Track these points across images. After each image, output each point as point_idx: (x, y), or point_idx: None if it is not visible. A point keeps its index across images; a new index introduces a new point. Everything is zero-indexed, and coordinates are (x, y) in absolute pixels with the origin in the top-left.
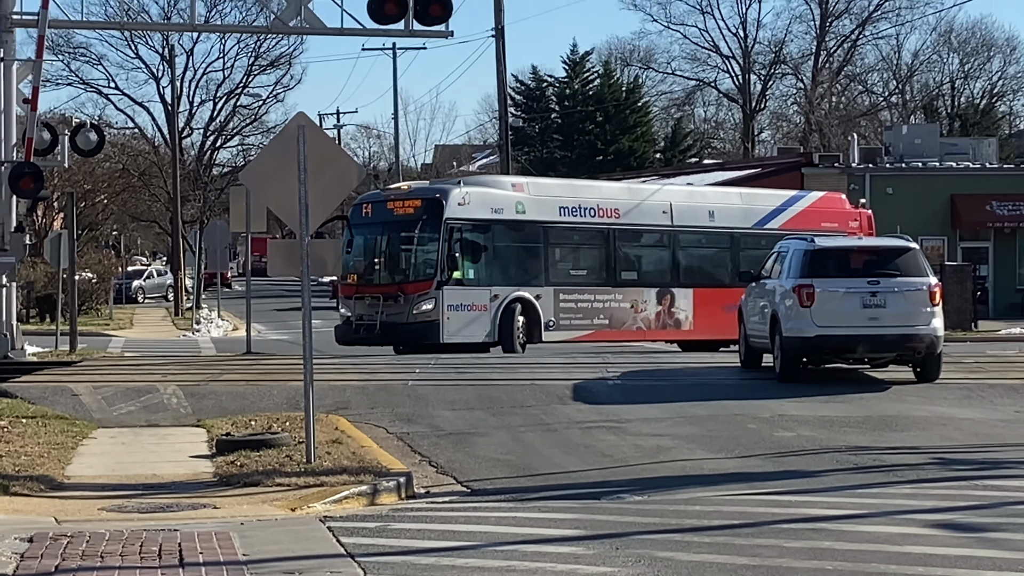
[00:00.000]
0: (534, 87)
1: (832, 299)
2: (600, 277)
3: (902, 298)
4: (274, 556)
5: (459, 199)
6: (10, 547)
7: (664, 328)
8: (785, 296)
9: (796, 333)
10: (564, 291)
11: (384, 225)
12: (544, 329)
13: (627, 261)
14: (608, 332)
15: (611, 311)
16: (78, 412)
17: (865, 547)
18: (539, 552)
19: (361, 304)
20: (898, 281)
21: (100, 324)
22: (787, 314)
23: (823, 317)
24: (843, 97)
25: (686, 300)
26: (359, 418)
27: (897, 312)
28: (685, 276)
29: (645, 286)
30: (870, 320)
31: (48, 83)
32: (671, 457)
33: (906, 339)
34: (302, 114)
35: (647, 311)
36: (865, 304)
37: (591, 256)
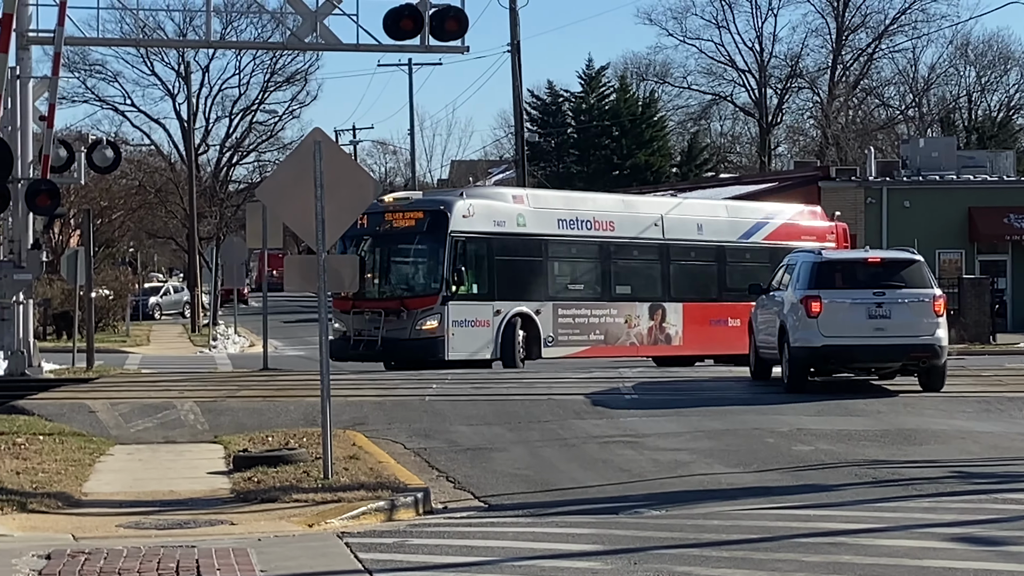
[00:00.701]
0: (550, 102)
1: (838, 310)
2: (596, 292)
3: (907, 309)
4: (292, 572)
5: (463, 211)
6: (28, 564)
7: (656, 343)
8: (793, 307)
9: (803, 343)
10: (563, 306)
11: (383, 237)
12: (543, 345)
13: (621, 275)
14: (603, 348)
15: (606, 326)
16: (95, 429)
17: (884, 561)
18: (557, 567)
19: (359, 319)
20: (903, 292)
21: (117, 341)
22: (794, 325)
23: (830, 328)
24: (860, 110)
25: (676, 315)
26: (376, 434)
27: (902, 323)
28: (675, 290)
29: (638, 301)
30: (875, 331)
31: (64, 100)
32: (689, 471)
33: (911, 349)
34: (318, 130)
35: (640, 326)
36: (871, 315)
37: (588, 270)
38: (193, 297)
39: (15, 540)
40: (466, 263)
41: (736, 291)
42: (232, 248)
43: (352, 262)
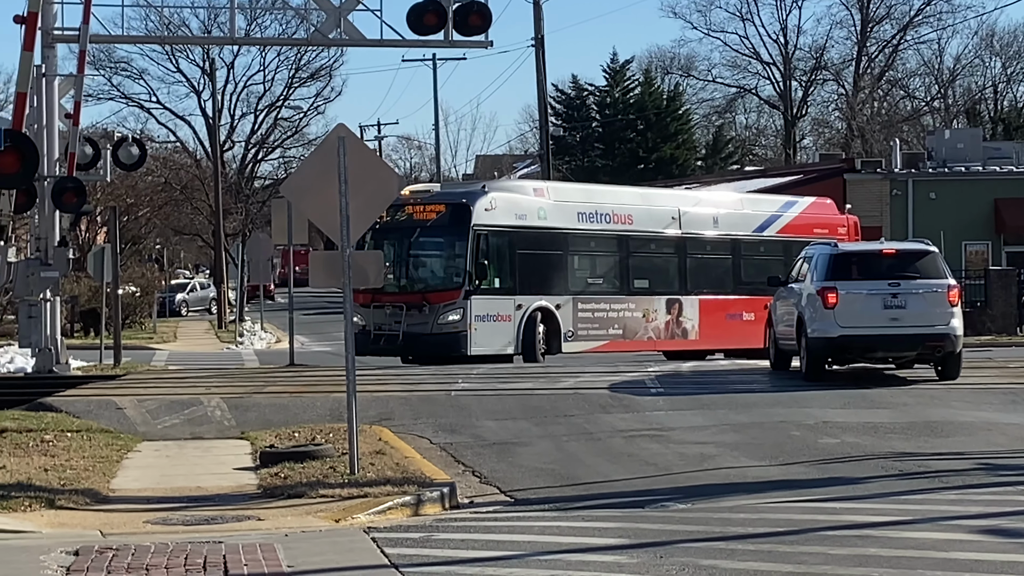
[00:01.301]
0: (574, 96)
1: (855, 301)
2: (614, 286)
3: (922, 299)
4: (318, 567)
5: (486, 205)
6: (56, 560)
7: (673, 338)
8: (810, 299)
9: (821, 334)
10: (582, 300)
11: (404, 231)
12: (564, 340)
13: (639, 269)
14: (622, 343)
15: (625, 321)
16: (122, 425)
17: (911, 553)
18: (583, 561)
19: (380, 314)
20: (918, 283)
21: (144, 338)
22: (812, 316)
23: (846, 318)
24: (885, 102)
25: (693, 309)
26: (402, 429)
27: (917, 313)
28: (692, 284)
29: (655, 295)
30: (891, 321)
31: (90, 98)
32: (715, 465)
33: (926, 339)
34: (342, 126)
35: (657, 320)
36: (886, 305)
37: (607, 264)
38: (219, 293)
39: (43, 536)
40: (488, 257)
41: (750, 284)
42: (258, 244)
43: (377, 258)
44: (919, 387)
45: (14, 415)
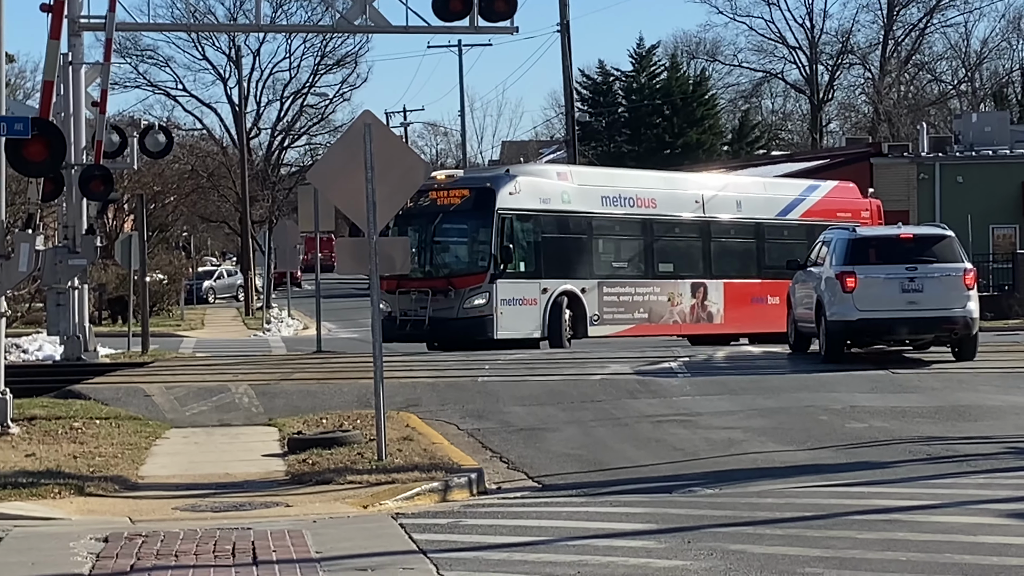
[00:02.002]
0: (600, 81)
1: (873, 284)
2: (639, 270)
3: (939, 283)
4: (347, 553)
5: (510, 188)
6: (86, 547)
7: (698, 322)
8: (829, 282)
9: (840, 317)
10: (608, 284)
11: (428, 216)
12: (589, 324)
13: (664, 253)
14: (648, 326)
15: (650, 305)
16: (151, 412)
17: (939, 537)
18: (611, 546)
19: (405, 299)
20: (935, 267)
21: (171, 325)
22: (831, 299)
23: (864, 301)
24: (911, 86)
25: (718, 293)
26: (430, 415)
27: (934, 296)
28: (716, 268)
29: (680, 279)
30: (909, 304)
31: (116, 86)
32: (742, 450)
33: (943, 321)
34: (368, 112)
35: (682, 304)
36: (904, 289)
37: (632, 248)
38: (246, 280)
39: (73, 524)
40: (513, 240)
41: (774, 269)
42: (284, 231)
43: (403, 244)
44: (947, 371)
45: (43, 403)
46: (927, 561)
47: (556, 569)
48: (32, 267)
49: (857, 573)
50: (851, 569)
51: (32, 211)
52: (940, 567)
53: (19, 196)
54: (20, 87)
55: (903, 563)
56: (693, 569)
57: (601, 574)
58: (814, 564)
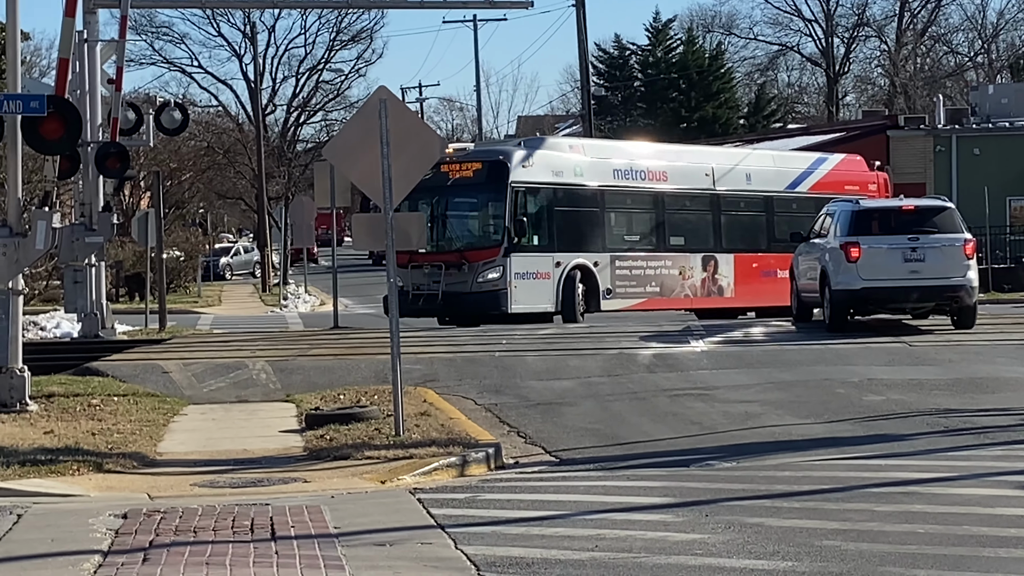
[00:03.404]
0: (617, 56)
1: (876, 255)
2: (651, 243)
3: (939, 253)
4: (365, 528)
5: (522, 161)
6: (104, 523)
7: (709, 295)
8: (833, 253)
9: (844, 286)
10: (620, 258)
11: (440, 189)
12: (602, 297)
13: (675, 226)
14: (659, 300)
15: (661, 278)
16: (169, 389)
17: (956, 510)
18: (628, 520)
19: (418, 274)
20: (936, 237)
21: (189, 302)
22: (835, 269)
23: (868, 271)
24: (928, 58)
25: (728, 266)
26: (447, 390)
27: (935, 265)
28: (727, 241)
29: (691, 252)
30: (911, 273)
31: (132, 63)
32: (760, 423)
33: (944, 290)
34: (384, 88)
35: (693, 278)
36: (906, 259)
37: (643, 221)
38: (263, 257)
39: (92, 500)
40: (527, 214)
41: (783, 242)
42: (301, 207)
43: (419, 219)
44: (964, 343)
45: (61, 380)
46: (945, 533)
47: (574, 543)
48: (49, 245)
49: (875, 545)
50: (869, 541)
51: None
52: (958, 539)
53: (35, 174)
54: (36, 65)
55: (920, 535)
56: (711, 542)
57: (619, 548)
58: (832, 537)
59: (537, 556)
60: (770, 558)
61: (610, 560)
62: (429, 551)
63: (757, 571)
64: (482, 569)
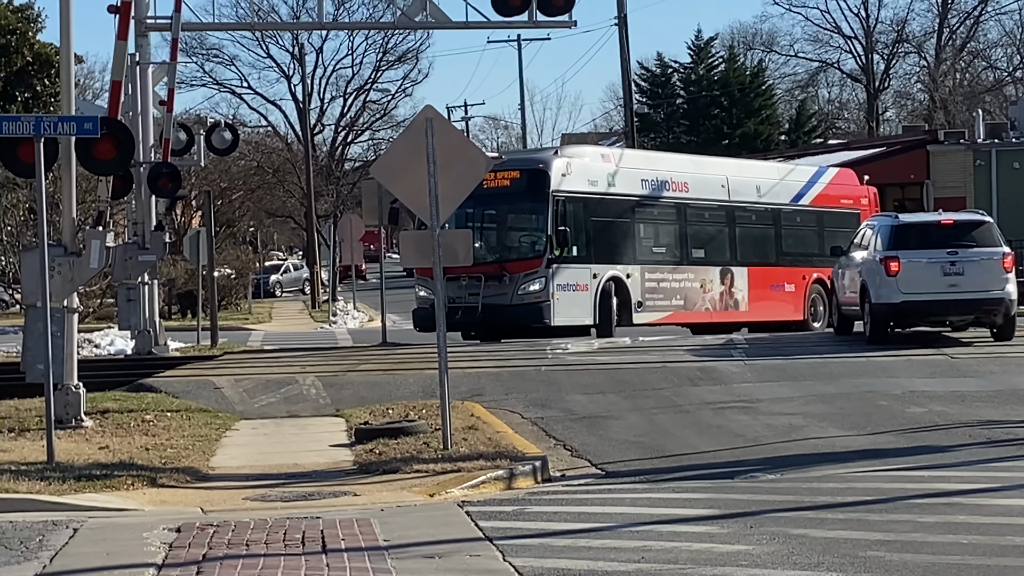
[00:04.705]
0: (659, 73)
1: (915, 269)
2: (676, 255)
3: (978, 266)
4: (414, 541)
5: (562, 170)
6: (159, 537)
7: (726, 309)
8: (874, 267)
9: (884, 300)
10: (649, 270)
11: (476, 198)
12: (634, 310)
13: (696, 238)
14: (684, 314)
15: (685, 292)
16: (220, 405)
17: (999, 520)
18: (674, 532)
19: (453, 286)
20: (974, 251)
21: (240, 319)
22: (875, 283)
23: (908, 285)
24: (967, 73)
25: (743, 280)
26: (494, 404)
27: (974, 279)
28: (741, 254)
29: (711, 265)
30: (950, 287)
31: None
32: (803, 435)
33: (983, 303)
34: (430, 107)
35: (713, 291)
36: (945, 272)
37: (668, 232)
38: (312, 274)
39: (146, 514)
40: (566, 223)
41: (790, 255)
42: (349, 225)
43: (466, 237)
44: (1005, 355)
45: (115, 396)
46: (988, 544)
47: (620, 555)
48: (103, 263)
49: (919, 556)
50: (913, 552)
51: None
52: (1001, 549)
53: (89, 194)
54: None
55: (964, 546)
56: (756, 553)
57: (664, 559)
58: (875, 547)
59: (584, 568)
60: (815, 569)
61: (656, 571)
62: (478, 563)
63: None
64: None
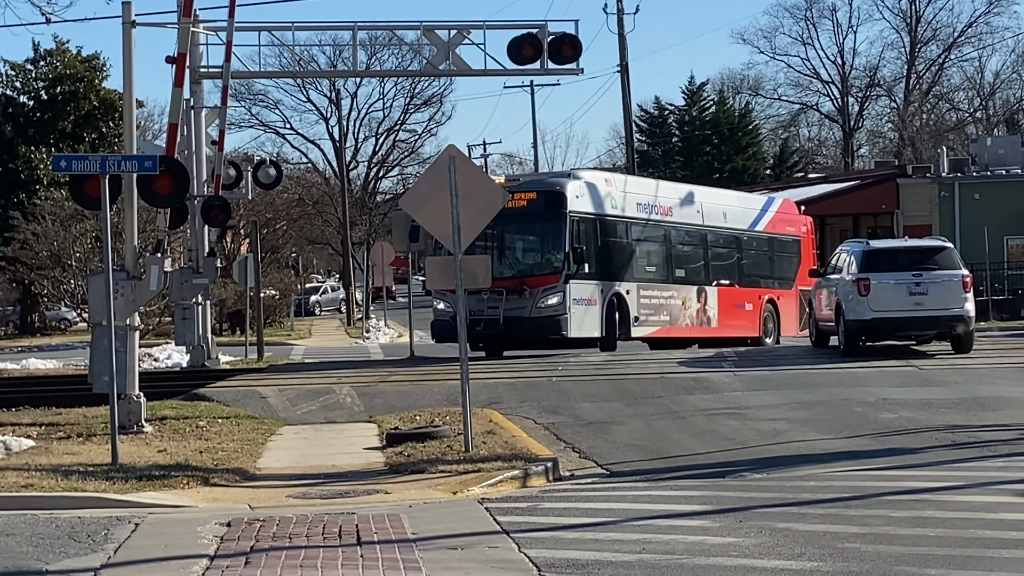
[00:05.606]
0: (656, 115)
1: (884, 289)
2: (663, 274)
3: (940, 287)
4: (439, 534)
5: (576, 192)
6: (211, 531)
7: (701, 325)
8: (847, 287)
9: (857, 317)
10: (643, 287)
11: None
12: (632, 325)
13: (679, 259)
14: (669, 328)
15: (670, 308)
16: (266, 412)
17: (963, 515)
18: (671, 526)
19: (473, 300)
20: (937, 273)
21: (283, 335)
22: (849, 302)
23: (878, 303)
24: (932, 114)
25: (714, 298)
26: (510, 411)
27: (937, 298)
28: (713, 274)
29: (690, 283)
30: (915, 305)
31: (232, 126)
32: (787, 439)
33: (945, 319)
34: (452, 146)
35: (691, 308)
36: (911, 292)
37: (659, 253)
38: (348, 295)
39: (200, 511)
40: (580, 242)
41: (750, 276)
42: (380, 251)
43: (485, 261)
44: (968, 367)
45: (172, 404)
46: (953, 536)
47: (623, 546)
48: (161, 286)
49: (890, 547)
50: (885, 544)
51: (160, 237)
52: (965, 541)
53: (149, 224)
54: (149, 128)
55: (931, 538)
56: (745, 545)
57: (663, 550)
58: (852, 540)
59: (591, 558)
60: (798, 559)
61: (655, 561)
62: (496, 554)
63: (786, 571)
64: (543, 570)
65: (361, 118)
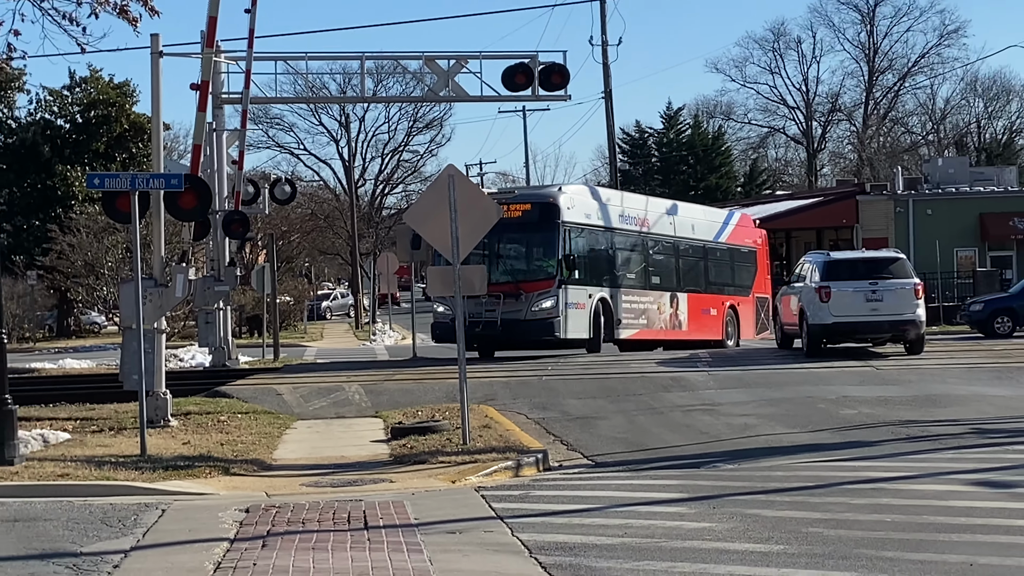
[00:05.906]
0: (637, 137)
1: (843, 296)
2: (640, 281)
3: (894, 294)
4: (439, 519)
5: (568, 203)
6: (231, 516)
7: (673, 328)
8: (810, 294)
9: (818, 321)
10: (624, 292)
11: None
12: (615, 328)
13: (654, 267)
14: (646, 331)
15: (647, 312)
16: (281, 408)
17: (917, 502)
18: (651, 511)
19: (471, 303)
20: (891, 282)
21: (297, 337)
22: (812, 307)
23: (837, 309)
24: (888, 137)
25: (684, 304)
26: (504, 407)
27: (891, 304)
28: (684, 281)
29: (663, 290)
30: (871, 311)
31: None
32: (756, 433)
33: (899, 324)
34: (452, 165)
35: (665, 313)
36: (868, 299)
37: (636, 261)
38: (356, 301)
39: (221, 498)
40: (572, 249)
41: (714, 284)
42: (386, 262)
43: (480, 271)
44: (922, 367)
45: (196, 401)
46: (907, 521)
47: (607, 530)
48: (186, 293)
49: (851, 531)
50: (846, 528)
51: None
52: (918, 526)
53: (175, 236)
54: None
55: (888, 523)
56: (718, 530)
57: (643, 534)
58: (816, 524)
59: (578, 541)
60: (766, 542)
61: (636, 544)
62: (491, 537)
63: (755, 553)
64: (534, 552)
65: (368, 140)
